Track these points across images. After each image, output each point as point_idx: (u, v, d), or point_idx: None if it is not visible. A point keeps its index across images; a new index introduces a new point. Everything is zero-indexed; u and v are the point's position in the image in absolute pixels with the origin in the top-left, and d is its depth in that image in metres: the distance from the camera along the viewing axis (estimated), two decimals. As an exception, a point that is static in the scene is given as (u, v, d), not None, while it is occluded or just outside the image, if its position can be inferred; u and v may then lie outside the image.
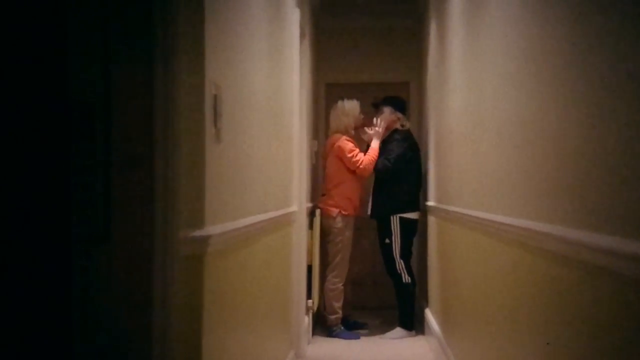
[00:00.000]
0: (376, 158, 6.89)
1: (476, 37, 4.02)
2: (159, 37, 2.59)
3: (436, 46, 6.33)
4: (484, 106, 3.69)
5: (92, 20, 2.63)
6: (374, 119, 7.05)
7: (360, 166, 6.86)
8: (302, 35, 6.10)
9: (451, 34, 5.19)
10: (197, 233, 2.76)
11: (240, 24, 3.47)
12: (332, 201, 6.98)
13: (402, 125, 7.09)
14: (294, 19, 5.69)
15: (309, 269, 6.56)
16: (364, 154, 6.93)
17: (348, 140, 6.98)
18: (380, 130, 6.96)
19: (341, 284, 6.99)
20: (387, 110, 7.08)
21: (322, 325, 7.21)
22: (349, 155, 6.89)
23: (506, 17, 3.18)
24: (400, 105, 7.21)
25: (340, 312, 6.99)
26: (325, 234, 7.07)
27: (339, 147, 6.94)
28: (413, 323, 7.06)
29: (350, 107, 7.13)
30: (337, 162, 6.99)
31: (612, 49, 1.88)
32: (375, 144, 6.96)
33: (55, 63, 2.69)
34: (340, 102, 7.17)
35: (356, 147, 6.98)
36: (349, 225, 7.00)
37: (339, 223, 6.95)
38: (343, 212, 6.95)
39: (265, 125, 4.26)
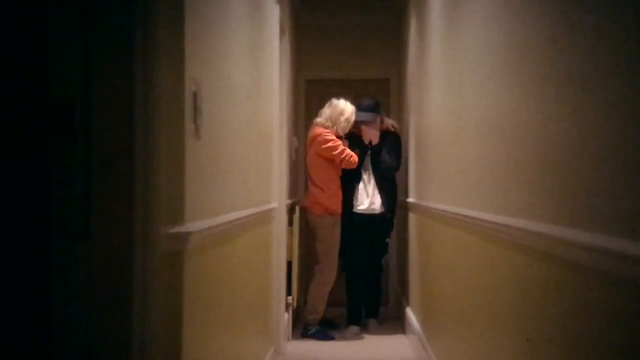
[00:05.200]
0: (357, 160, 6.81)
1: (456, 33, 4.03)
2: (139, 33, 2.58)
3: (416, 42, 6.33)
4: (464, 102, 3.70)
5: (72, 16, 2.62)
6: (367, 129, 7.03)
7: (344, 157, 6.71)
8: (281, 32, 6.10)
9: (431, 30, 5.20)
10: (177, 229, 2.75)
11: (220, 21, 3.47)
12: (317, 199, 6.85)
13: (393, 127, 7.10)
14: (273, 15, 5.68)
15: (289, 265, 6.56)
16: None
17: (329, 133, 6.80)
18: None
19: (329, 287, 6.92)
20: (378, 118, 7.04)
21: (300, 322, 7.21)
22: (333, 145, 6.73)
23: (486, 13, 3.19)
24: (378, 107, 7.17)
25: (322, 313, 6.95)
26: (311, 232, 7.02)
27: (319, 141, 6.77)
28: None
29: (350, 113, 6.89)
30: (317, 156, 6.83)
31: (591, 44, 1.89)
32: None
33: (35, 60, 2.68)
34: (342, 102, 6.92)
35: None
36: (337, 223, 6.88)
37: (327, 222, 6.83)
38: (330, 211, 6.84)
39: (245, 122, 4.25)
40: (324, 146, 6.75)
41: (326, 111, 6.93)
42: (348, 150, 6.77)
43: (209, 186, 3.22)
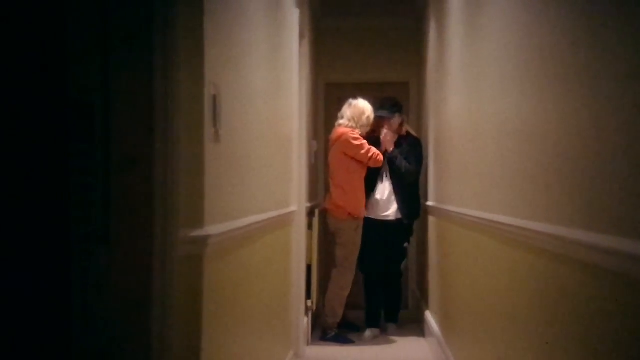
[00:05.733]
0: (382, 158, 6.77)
1: (476, 37, 4.02)
2: (158, 37, 2.59)
3: (436, 46, 6.32)
4: (484, 106, 3.69)
5: (92, 20, 2.63)
6: (384, 129, 7.01)
7: (372, 155, 6.66)
8: (301, 36, 6.10)
9: (451, 33, 5.19)
10: (196, 233, 2.76)
11: (240, 24, 3.47)
12: (340, 202, 6.78)
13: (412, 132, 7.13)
14: (293, 19, 5.69)
15: (308, 268, 6.55)
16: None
17: (354, 132, 6.75)
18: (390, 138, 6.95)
19: (347, 291, 6.88)
20: (397, 116, 7.05)
21: (319, 326, 7.20)
22: (360, 144, 6.67)
23: (506, 16, 3.18)
24: (401, 107, 7.20)
25: (340, 316, 6.93)
26: (332, 235, 6.99)
27: (345, 140, 6.71)
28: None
29: (370, 111, 6.87)
30: (342, 157, 6.77)
31: (612, 48, 1.88)
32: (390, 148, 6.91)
33: (55, 64, 2.69)
34: (361, 101, 6.88)
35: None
36: (359, 228, 6.82)
37: (348, 226, 6.78)
38: (353, 214, 6.77)
39: (265, 125, 4.26)
40: (351, 145, 6.70)
41: (347, 112, 6.89)
42: (374, 149, 6.72)
43: (228, 190, 3.23)
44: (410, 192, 7.00)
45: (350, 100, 6.95)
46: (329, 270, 7.13)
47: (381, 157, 6.74)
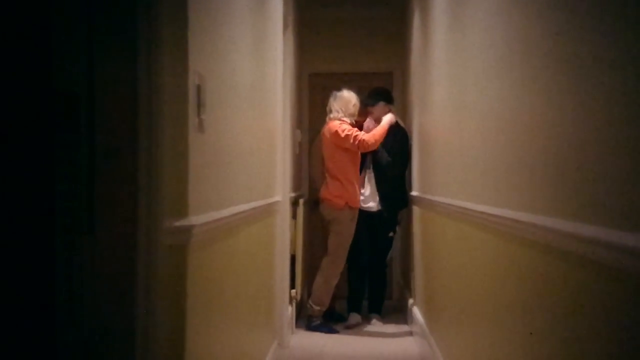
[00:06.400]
0: (379, 138, 6.81)
1: (459, 27, 4.03)
2: (142, 27, 2.58)
3: (420, 36, 6.33)
4: (468, 96, 3.70)
5: (76, 11, 2.62)
6: (368, 118, 7.08)
7: (358, 142, 6.74)
8: (285, 25, 6.10)
9: (435, 23, 5.19)
10: (180, 223, 2.75)
11: (224, 14, 3.47)
12: (338, 192, 6.86)
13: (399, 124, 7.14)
14: (277, 8, 5.69)
15: (293, 258, 6.56)
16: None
17: (342, 122, 6.88)
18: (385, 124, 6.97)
19: (336, 281, 6.94)
20: (380, 105, 7.09)
21: (303, 315, 7.21)
22: (347, 134, 6.76)
23: (490, 6, 3.19)
24: (390, 97, 7.24)
25: (327, 305, 6.98)
26: (326, 224, 7.03)
27: (335, 132, 6.82)
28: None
29: (356, 99, 7.01)
30: (336, 150, 6.88)
31: (597, 37, 1.89)
32: (384, 125, 6.92)
33: (39, 54, 2.68)
34: (345, 91, 7.00)
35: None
36: (354, 218, 6.90)
37: (345, 215, 6.85)
38: (350, 204, 6.85)
39: (249, 115, 4.26)
40: (340, 138, 6.80)
41: (334, 105, 6.99)
42: (360, 135, 6.78)
43: (212, 179, 3.23)
44: (394, 184, 7.03)
45: (335, 92, 7.03)
46: (314, 260, 7.15)
47: (371, 142, 6.77)
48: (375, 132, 6.82)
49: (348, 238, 6.89)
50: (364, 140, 6.72)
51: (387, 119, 6.93)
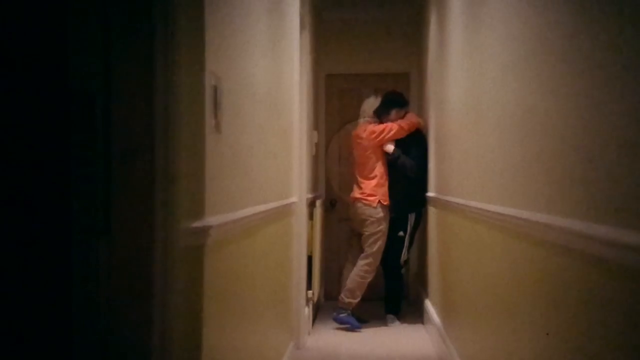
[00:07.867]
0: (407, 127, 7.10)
1: (476, 27, 4.02)
2: (159, 27, 2.58)
3: (436, 36, 6.32)
4: (485, 97, 3.69)
5: (93, 9, 2.62)
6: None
7: (390, 137, 7.07)
8: (302, 26, 6.09)
9: (451, 23, 5.18)
10: (197, 224, 2.75)
11: (240, 15, 3.47)
12: (370, 191, 7.06)
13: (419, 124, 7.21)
14: (294, 9, 5.68)
15: (309, 259, 6.57)
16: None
17: (375, 124, 7.19)
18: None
19: (371, 277, 7.09)
20: (394, 113, 7.14)
21: (321, 315, 7.21)
22: (382, 128, 7.09)
23: (506, 7, 3.18)
24: (401, 101, 7.25)
25: (359, 300, 7.09)
26: (360, 223, 7.12)
27: (372, 131, 7.10)
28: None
29: (378, 101, 7.34)
30: (372, 150, 7.11)
31: (612, 39, 1.88)
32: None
33: (56, 53, 2.69)
34: (371, 98, 7.38)
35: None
36: (387, 215, 7.07)
37: (379, 212, 7.03)
38: (382, 202, 7.03)
39: (265, 116, 4.26)
40: (378, 137, 7.08)
41: (365, 109, 7.37)
42: (391, 131, 7.08)
43: (229, 180, 3.23)
44: (408, 185, 7.04)
45: (367, 99, 7.43)
46: (330, 262, 7.17)
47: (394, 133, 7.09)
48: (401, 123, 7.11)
49: (383, 236, 7.06)
50: (400, 127, 7.06)
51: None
